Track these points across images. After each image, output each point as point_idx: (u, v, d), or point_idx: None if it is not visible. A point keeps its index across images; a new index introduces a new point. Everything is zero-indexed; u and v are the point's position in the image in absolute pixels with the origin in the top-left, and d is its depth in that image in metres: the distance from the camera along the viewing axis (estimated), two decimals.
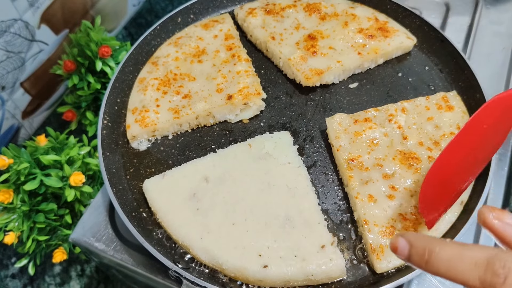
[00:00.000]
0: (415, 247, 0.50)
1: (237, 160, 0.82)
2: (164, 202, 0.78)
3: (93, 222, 0.85)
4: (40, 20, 1.13)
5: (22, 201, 0.93)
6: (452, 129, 0.83)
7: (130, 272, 0.83)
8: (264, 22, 1.03)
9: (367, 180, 0.77)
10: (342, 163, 0.80)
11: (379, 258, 0.70)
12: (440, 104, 0.87)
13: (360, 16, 1.01)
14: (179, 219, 0.75)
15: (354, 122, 0.85)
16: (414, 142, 0.82)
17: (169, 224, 0.76)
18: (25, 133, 1.22)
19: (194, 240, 0.73)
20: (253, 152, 0.83)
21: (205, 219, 0.74)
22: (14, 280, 1.12)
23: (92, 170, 1.05)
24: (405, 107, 0.86)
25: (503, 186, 0.88)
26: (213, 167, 0.81)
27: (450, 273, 0.47)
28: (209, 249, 0.71)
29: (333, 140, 0.84)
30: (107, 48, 1.12)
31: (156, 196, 0.78)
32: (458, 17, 1.15)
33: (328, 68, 0.92)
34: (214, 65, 0.96)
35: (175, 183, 0.79)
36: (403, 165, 0.79)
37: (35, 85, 1.19)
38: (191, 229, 0.74)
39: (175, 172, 0.81)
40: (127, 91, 0.95)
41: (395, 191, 0.76)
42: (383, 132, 0.83)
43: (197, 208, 0.76)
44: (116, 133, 0.90)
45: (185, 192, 0.78)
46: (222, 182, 0.79)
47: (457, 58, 0.94)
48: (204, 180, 0.79)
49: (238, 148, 0.84)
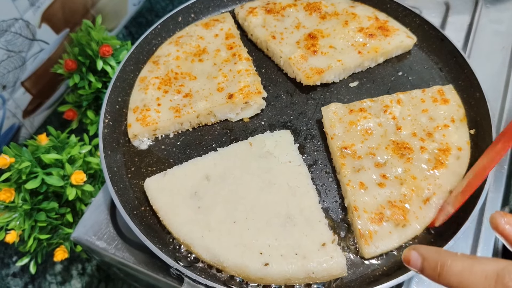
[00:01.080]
0: (428, 261, 0.53)
1: (238, 158, 0.82)
2: (165, 200, 0.78)
3: (94, 220, 0.85)
4: (41, 20, 1.13)
5: (23, 200, 0.94)
6: (447, 121, 0.84)
7: (131, 270, 0.83)
8: (265, 21, 1.03)
9: (359, 168, 0.79)
10: (336, 151, 0.82)
11: (367, 243, 0.71)
12: (435, 97, 0.88)
13: (360, 15, 1.01)
14: (180, 217, 0.76)
15: (349, 111, 0.86)
16: (408, 132, 0.83)
17: (170, 223, 0.76)
18: (26, 132, 1.23)
19: (195, 239, 0.73)
20: (254, 150, 0.83)
21: (206, 218, 0.75)
22: (16, 279, 1.13)
23: (93, 168, 1.05)
24: (401, 98, 0.88)
25: (502, 185, 0.88)
26: (214, 166, 0.81)
27: (462, 285, 0.49)
28: (210, 247, 0.71)
29: (327, 128, 0.85)
30: (108, 47, 1.12)
31: (157, 195, 0.79)
32: (458, 16, 1.15)
33: (328, 67, 0.92)
34: (215, 64, 0.96)
35: (176, 181, 0.80)
36: (395, 154, 0.80)
37: (36, 84, 1.19)
38: (192, 227, 0.74)
39: (176, 170, 0.81)
40: (128, 90, 0.95)
41: (386, 180, 0.77)
42: (377, 122, 0.85)
43: (198, 206, 0.76)
44: (117, 132, 0.90)
45: (186, 191, 0.78)
46: (223, 180, 0.79)
47: (457, 57, 0.94)
48: (205, 179, 0.79)
49: (239, 147, 0.84)
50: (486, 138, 0.81)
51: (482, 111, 0.85)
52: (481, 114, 0.85)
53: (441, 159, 0.79)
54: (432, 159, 0.79)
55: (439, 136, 0.82)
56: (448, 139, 0.82)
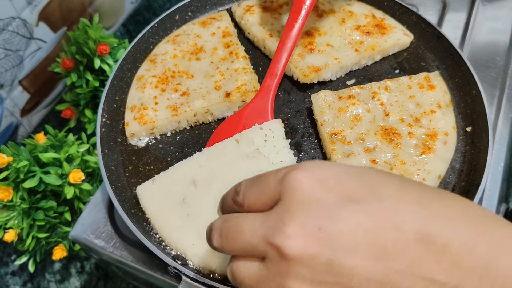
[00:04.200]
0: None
1: (225, 159, 0.78)
2: (155, 208, 0.76)
3: (93, 219, 0.85)
4: (38, 18, 1.13)
5: (21, 198, 0.94)
6: (433, 107, 0.86)
7: (129, 268, 0.84)
8: (262, 19, 1.03)
9: (349, 153, 0.80)
10: (326, 137, 0.83)
11: None
12: (422, 83, 0.89)
13: (357, 13, 1.02)
14: (170, 225, 0.74)
15: (338, 98, 0.87)
16: (396, 118, 0.84)
17: (161, 230, 0.74)
18: (24, 131, 1.23)
19: (186, 247, 0.71)
20: (242, 149, 0.79)
21: (196, 225, 0.72)
22: (14, 278, 1.13)
23: (91, 167, 1.06)
24: (388, 85, 0.89)
25: (499, 182, 0.88)
26: (199, 168, 0.77)
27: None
28: (201, 255, 0.70)
29: (317, 115, 0.86)
30: (105, 46, 1.12)
31: (148, 202, 0.77)
32: (455, 14, 1.15)
33: (325, 65, 0.93)
34: (212, 62, 0.96)
35: (165, 188, 0.77)
36: (384, 139, 0.81)
37: (33, 83, 1.19)
38: (183, 235, 0.72)
39: (163, 176, 0.78)
40: (125, 88, 0.95)
41: (375, 165, 0.78)
42: (366, 109, 0.86)
43: (187, 214, 0.74)
44: (115, 130, 0.90)
45: (175, 197, 0.75)
46: (209, 185, 0.75)
47: (453, 55, 0.94)
48: (192, 184, 0.76)
49: (225, 146, 0.80)
50: (482, 136, 0.82)
51: (478, 108, 0.86)
52: (478, 112, 0.85)
53: (428, 144, 0.81)
54: (420, 144, 0.81)
55: (426, 122, 0.84)
56: (435, 124, 0.84)
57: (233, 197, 0.50)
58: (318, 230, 0.40)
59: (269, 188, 0.45)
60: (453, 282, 0.38)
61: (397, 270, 0.39)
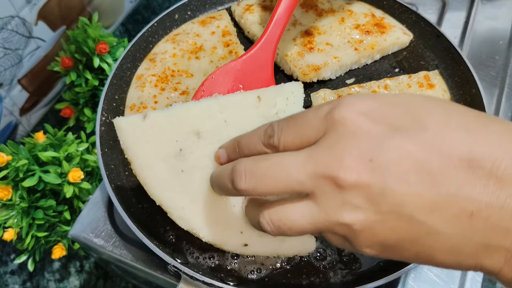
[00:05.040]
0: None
1: (241, 114, 0.65)
2: (141, 152, 0.63)
3: (92, 218, 0.85)
4: (37, 17, 1.13)
5: (21, 197, 0.94)
6: None
7: (129, 267, 0.84)
8: (261, 18, 1.03)
9: None
10: None
11: None
12: (421, 82, 0.89)
13: (356, 12, 1.02)
14: (158, 179, 0.63)
15: (338, 97, 0.87)
16: None
17: (146, 182, 0.64)
18: (23, 130, 1.23)
19: (174, 208, 0.64)
20: (261, 108, 0.67)
21: (190, 185, 0.62)
22: (14, 277, 1.13)
23: (91, 166, 1.06)
24: (388, 84, 0.89)
25: None
26: (208, 118, 0.64)
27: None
28: (191, 219, 0.63)
29: None
30: (105, 44, 1.12)
31: (132, 143, 0.63)
32: (454, 13, 1.15)
33: (325, 64, 0.93)
34: (212, 61, 0.96)
35: (158, 130, 0.63)
36: None
37: (32, 82, 1.19)
38: (173, 194, 0.63)
39: (159, 115, 0.63)
40: (125, 87, 0.95)
41: None
42: None
43: (182, 169, 0.62)
44: (114, 129, 0.89)
45: (169, 146, 0.63)
46: (216, 140, 0.61)
47: (453, 53, 0.94)
48: (195, 134, 0.63)
49: (244, 99, 0.66)
50: None
51: (478, 107, 0.86)
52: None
53: None
54: None
55: None
56: None
57: (266, 141, 0.48)
58: (369, 161, 0.41)
59: (311, 126, 0.45)
60: (498, 203, 0.39)
61: (446, 195, 0.40)
